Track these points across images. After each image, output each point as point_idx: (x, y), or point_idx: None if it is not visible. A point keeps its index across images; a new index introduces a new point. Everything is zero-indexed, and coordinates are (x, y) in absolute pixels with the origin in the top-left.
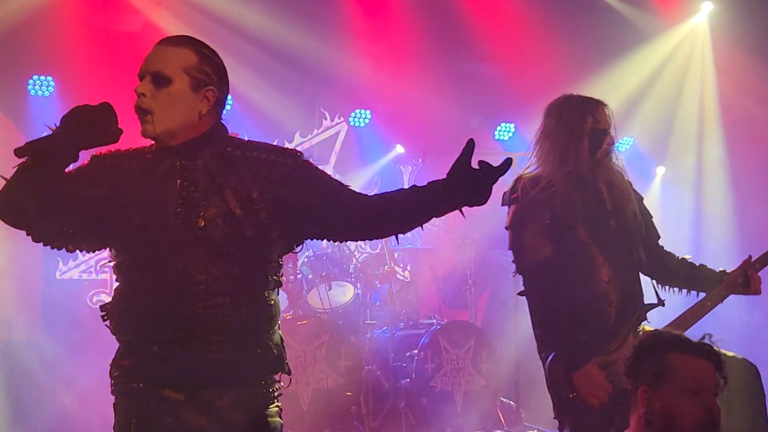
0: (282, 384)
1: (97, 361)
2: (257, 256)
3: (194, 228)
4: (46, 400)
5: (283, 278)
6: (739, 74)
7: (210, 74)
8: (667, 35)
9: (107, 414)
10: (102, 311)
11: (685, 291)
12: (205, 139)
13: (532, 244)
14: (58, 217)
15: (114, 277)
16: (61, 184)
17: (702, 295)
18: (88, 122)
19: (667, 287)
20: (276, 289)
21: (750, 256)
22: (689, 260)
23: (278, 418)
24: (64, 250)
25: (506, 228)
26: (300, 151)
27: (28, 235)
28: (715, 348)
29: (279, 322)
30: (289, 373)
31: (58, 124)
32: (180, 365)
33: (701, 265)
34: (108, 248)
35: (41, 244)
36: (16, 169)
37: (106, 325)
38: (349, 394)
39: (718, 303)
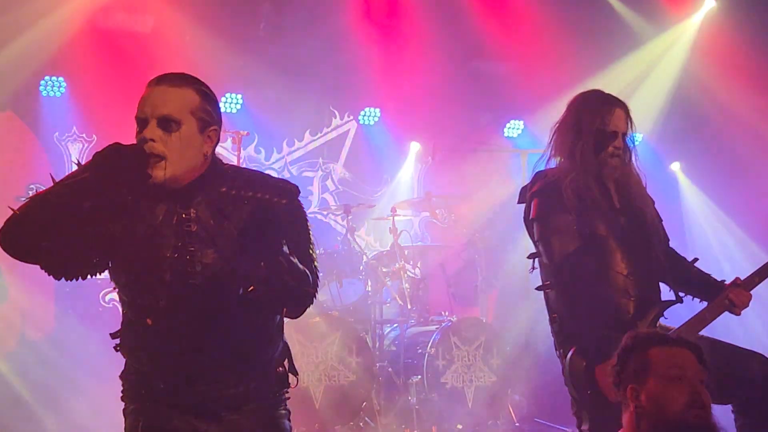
0: (291, 386)
1: (110, 360)
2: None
3: (191, 284)
4: (59, 398)
5: None
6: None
7: (212, 113)
8: (673, 30)
9: (119, 412)
10: (113, 338)
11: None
12: (202, 181)
13: (560, 234)
14: (68, 249)
15: (120, 300)
16: (76, 221)
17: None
18: (123, 167)
19: (682, 295)
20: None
21: (737, 279)
22: (696, 266)
23: (287, 421)
24: (79, 279)
25: (532, 219)
26: (297, 188)
27: (42, 269)
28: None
29: (283, 334)
30: (296, 374)
31: (87, 162)
32: (186, 399)
33: (705, 274)
34: (112, 278)
35: (54, 277)
36: (29, 200)
37: (116, 348)
38: (361, 390)
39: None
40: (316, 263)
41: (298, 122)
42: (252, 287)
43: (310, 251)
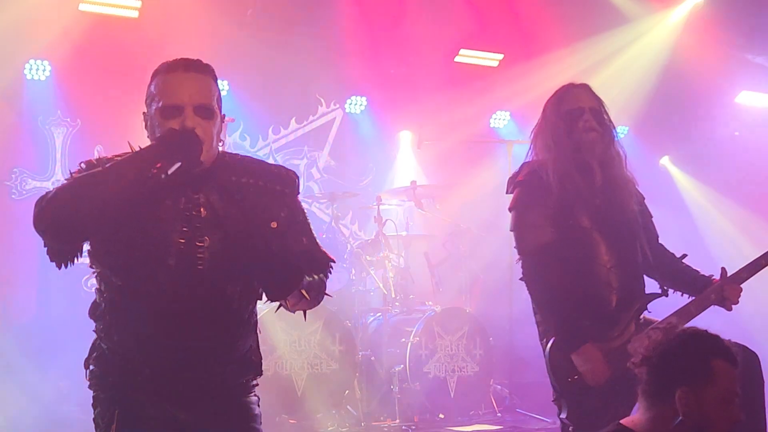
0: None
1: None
2: (252, 287)
3: (196, 271)
4: (43, 382)
5: None
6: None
7: (221, 100)
8: (661, 18)
9: None
10: (96, 320)
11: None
12: (210, 167)
13: (534, 226)
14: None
15: (100, 283)
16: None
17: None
18: (187, 153)
19: (667, 288)
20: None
21: (723, 270)
22: (684, 262)
23: (257, 406)
24: (69, 265)
25: (509, 209)
26: (297, 177)
27: (55, 252)
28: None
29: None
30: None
31: (151, 147)
32: (168, 386)
33: (694, 269)
34: (98, 260)
35: (57, 261)
36: (77, 180)
37: (94, 332)
38: (344, 379)
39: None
40: (322, 248)
41: (284, 109)
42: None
43: (315, 237)
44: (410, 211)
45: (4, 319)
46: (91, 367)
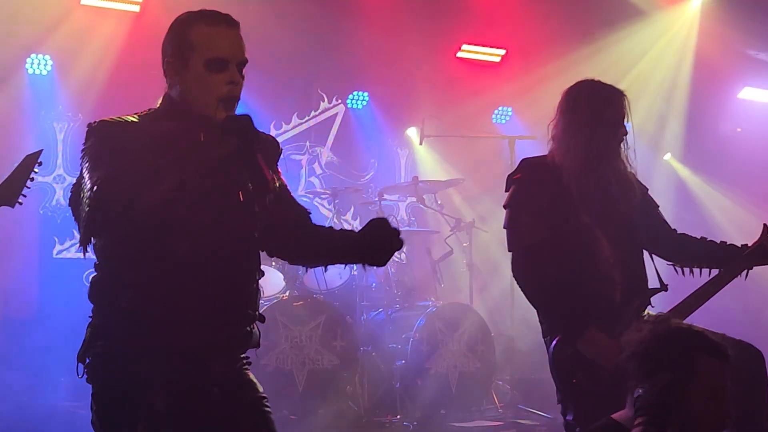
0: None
1: None
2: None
3: (236, 203)
4: (43, 378)
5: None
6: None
7: None
8: (662, 15)
9: None
10: (104, 301)
11: (707, 270)
12: None
13: (528, 224)
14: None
15: (123, 247)
16: None
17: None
18: (249, 135)
19: (687, 269)
20: None
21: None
22: (707, 239)
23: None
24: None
25: (504, 207)
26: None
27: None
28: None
29: None
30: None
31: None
32: (189, 343)
33: (721, 242)
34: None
35: (84, 247)
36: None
37: (96, 320)
38: (345, 374)
39: (726, 284)
40: None
41: (286, 105)
42: None
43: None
44: (412, 206)
45: (4, 314)
46: (88, 359)
